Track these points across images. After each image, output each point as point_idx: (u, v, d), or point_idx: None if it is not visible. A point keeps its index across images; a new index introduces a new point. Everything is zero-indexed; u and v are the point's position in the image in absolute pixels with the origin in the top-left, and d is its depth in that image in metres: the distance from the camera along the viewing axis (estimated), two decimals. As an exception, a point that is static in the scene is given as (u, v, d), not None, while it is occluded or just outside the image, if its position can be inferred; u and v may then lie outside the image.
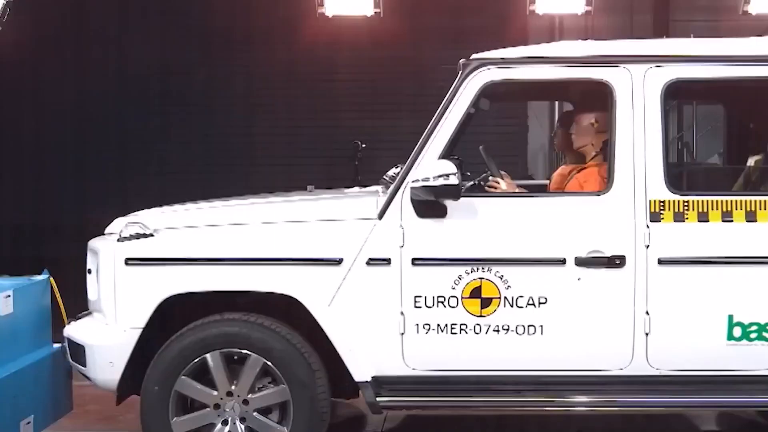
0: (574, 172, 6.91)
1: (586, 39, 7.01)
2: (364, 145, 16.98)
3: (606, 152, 6.42)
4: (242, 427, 6.23)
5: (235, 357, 6.24)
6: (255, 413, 6.23)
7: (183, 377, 6.20)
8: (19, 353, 6.77)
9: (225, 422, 6.25)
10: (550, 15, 16.66)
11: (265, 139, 18.21)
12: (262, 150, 18.12)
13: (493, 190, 6.60)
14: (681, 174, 7.18)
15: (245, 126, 18.22)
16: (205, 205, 6.79)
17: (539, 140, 18.44)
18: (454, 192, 6.01)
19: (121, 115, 18.02)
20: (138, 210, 6.74)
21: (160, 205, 6.98)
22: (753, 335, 6.13)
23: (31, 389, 6.75)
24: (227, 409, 6.22)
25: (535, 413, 7.16)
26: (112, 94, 18.03)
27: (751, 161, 7.07)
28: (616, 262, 6.10)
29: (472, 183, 6.73)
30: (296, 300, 6.18)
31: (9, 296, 6.66)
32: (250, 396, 6.23)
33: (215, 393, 6.23)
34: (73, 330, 6.62)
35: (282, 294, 6.19)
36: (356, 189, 7.44)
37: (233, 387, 6.22)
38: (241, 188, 7.95)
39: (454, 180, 5.95)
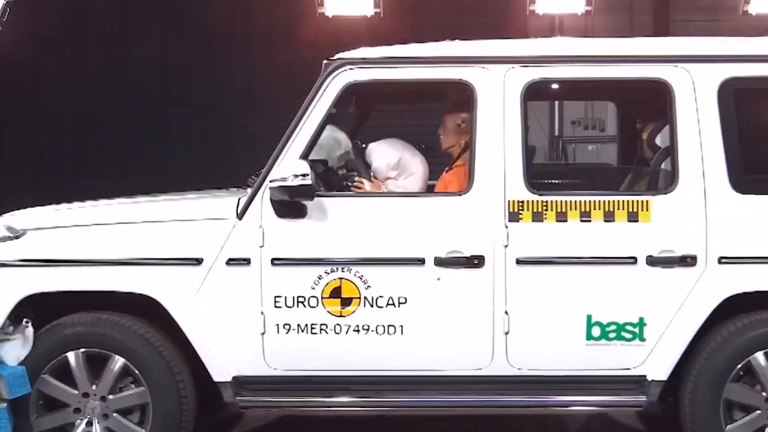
0: (443, 173, 6.89)
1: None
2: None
3: None
4: (102, 427, 6.23)
5: (98, 357, 6.23)
6: (115, 414, 6.23)
7: (44, 376, 6.21)
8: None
9: (88, 423, 6.23)
10: (550, 15, 16.59)
11: (265, 139, 18.14)
12: (262, 150, 18.08)
13: (357, 190, 6.59)
14: (542, 174, 7.14)
15: (245, 126, 18.27)
16: (76, 205, 6.78)
17: (540, 140, 18.32)
18: (308, 192, 6.01)
19: (121, 115, 18.17)
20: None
21: None
22: (611, 335, 6.09)
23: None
24: (88, 409, 6.22)
25: (399, 414, 7.15)
26: (113, 94, 18.18)
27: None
28: (474, 262, 6.08)
29: (342, 183, 6.75)
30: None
31: None
32: (110, 397, 6.23)
33: (75, 392, 6.23)
34: None
35: (142, 294, 6.19)
36: (234, 189, 7.43)
37: (94, 387, 6.23)
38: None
39: (308, 180, 5.95)
